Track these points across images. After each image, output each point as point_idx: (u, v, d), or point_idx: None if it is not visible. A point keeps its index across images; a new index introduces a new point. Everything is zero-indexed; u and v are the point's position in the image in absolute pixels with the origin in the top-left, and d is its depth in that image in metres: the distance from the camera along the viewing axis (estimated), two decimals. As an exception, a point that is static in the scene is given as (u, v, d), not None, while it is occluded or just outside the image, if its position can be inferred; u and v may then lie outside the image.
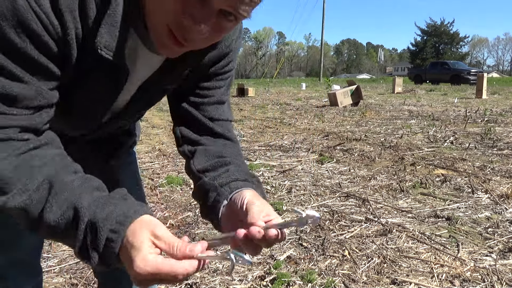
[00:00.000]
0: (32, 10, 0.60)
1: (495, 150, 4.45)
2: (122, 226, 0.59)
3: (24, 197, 0.60)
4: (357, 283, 1.83)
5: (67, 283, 1.84)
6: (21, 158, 0.62)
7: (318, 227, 2.43)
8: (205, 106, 0.91)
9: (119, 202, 0.62)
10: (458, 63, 27.99)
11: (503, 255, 2.07)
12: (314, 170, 3.72)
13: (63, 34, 0.65)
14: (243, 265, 0.64)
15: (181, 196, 3.01)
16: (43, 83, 0.65)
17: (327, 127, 6.34)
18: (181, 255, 0.58)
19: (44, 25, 0.62)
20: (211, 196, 0.81)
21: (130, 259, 0.57)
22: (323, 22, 36.43)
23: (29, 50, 0.62)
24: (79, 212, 0.60)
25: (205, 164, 0.86)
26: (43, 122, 0.67)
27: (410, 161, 3.98)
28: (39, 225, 0.62)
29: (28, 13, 0.60)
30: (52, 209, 0.60)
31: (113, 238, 0.58)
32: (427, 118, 7.14)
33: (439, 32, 62.33)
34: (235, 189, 0.78)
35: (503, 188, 3.10)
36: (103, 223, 0.59)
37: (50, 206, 0.60)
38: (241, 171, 0.84)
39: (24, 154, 0.62)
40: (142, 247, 0.57)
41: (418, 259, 2.04)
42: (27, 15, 0.60)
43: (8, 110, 0.62)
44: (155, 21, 0.67)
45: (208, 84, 0.90)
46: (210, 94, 0.91)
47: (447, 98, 12.03)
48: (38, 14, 0.61)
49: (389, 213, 2.67)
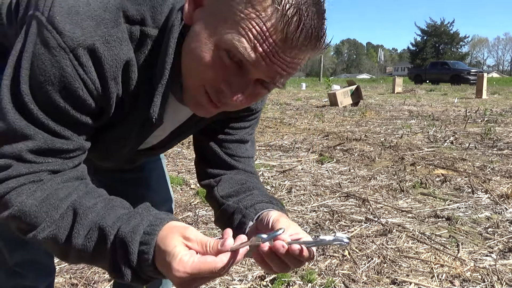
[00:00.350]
0: (79, 78, 0.64)
1: (495, 150, 4.45)
2: (152, 236, 0.60)
3: (52, 228, 0.63)
4: (357, 283, 1.83)
5: (67, 283, 1.84)
6: (46, 193, 0.64)
7: (318, 227, 2.43)
8: (228, 143, 0.94)
9: (144, 213, 0.64)
10: (458, 63, 27.99)
11: (503, 255, 2.07)
12: (314, 170, 3.72)
13: (105, 97, 0.69)
14: None
15: (181, 196, 3.01)
16: (81, 136, 0.70)
17: (327, 127, 6.34)
18: (214, 252, 0.58)
19: (90, 91, 0.66)
20: (236, 219, 0.82)
21: (167, 265, 0.58)
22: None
23: (72, 112, 0.66)
24: (104, 230, 0.61)
25: (229, 190, 0.89)
26: (73, 166, 0.70)
27: (410, 161, 3.98)
28: (69, 251, 0.64)
29: (75, 81, 0.64)
30: (79, 234, 0.62)
31: (144, 250, 0.59)
32: (427, 118, 7.14)
33: (439, 32, 62.33)
34: (261, 210, 0.79)
35: (503, 188, 3.10)
36: (131, 237, 0.60)
37: (77, 232, 0.62)
38: (265, 195, 0.86)
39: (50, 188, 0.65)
40: (176, 251, 0.57)
41: (418, 259, 2.04)
42: (75, 83, 0.64)
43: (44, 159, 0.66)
44: (191, 82, 0.70)
45: (234, 124, 0.93)
46: (234, 133, 0.94)
47: (447, 98, 12.02)
48: (85, 82, 0.65)
49: (389, 213, 2.67)
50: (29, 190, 0.63)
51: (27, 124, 0.63)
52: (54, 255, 0.66)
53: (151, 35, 0.70)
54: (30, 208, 0.62)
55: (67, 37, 0.62)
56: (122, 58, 0.67)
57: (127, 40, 0.68)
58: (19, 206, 0.62)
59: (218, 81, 0.66)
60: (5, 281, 1.04)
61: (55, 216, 0.63)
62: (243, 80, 0.66)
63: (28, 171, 0.64)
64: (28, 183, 0.64)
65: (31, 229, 0.63)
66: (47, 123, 0.64)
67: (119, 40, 0.66)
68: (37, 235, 0.63)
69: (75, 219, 0.63)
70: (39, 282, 1.08)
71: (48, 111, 0.64)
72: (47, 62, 0.62)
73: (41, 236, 0.63)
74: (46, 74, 0.62)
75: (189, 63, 0.68)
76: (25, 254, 1.02)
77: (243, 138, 0.96)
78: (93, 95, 0.67)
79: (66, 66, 0.62)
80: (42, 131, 0.64)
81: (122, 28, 0.67)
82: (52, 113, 0.64)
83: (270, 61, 0.63)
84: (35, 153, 0.64)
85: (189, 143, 4.90)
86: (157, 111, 0.72)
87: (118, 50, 0.66)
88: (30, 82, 0.63)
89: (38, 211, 0.63)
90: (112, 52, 0.66)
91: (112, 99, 0.70)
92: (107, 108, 0.72)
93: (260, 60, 0.63)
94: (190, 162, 4.00)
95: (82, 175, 0.72)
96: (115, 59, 0.66)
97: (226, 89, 0.66)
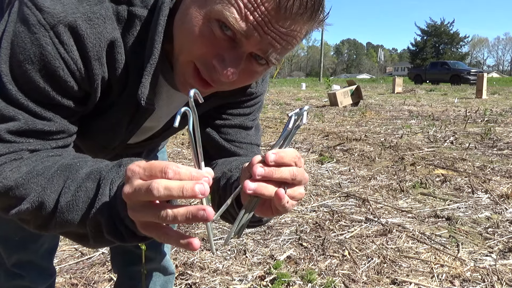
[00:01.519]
0: (60, 57, 0.61)
1: (495, 150, 4.45)
2: None
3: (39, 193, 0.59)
4: (357, 283, 1.83)
5: (67, 283, 1.84)
6: (32, 165, 0.62)
7: (318, 227, 2.43)
8: (226, 129, 0.88)
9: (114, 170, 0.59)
10: (458, 63, 27.99)
11: (503, 255, 2.07)
12: (314, 170, 3.72)
13: (89, 79, 0.66)
14: None
15: (181, 196, 3.01)
16: (65, 119, 0.67)
17: (327, 127, 6.34)
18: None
19: (71, 71, 0.63)
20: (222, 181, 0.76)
21: None
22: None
23: (53, 93, 0.63)
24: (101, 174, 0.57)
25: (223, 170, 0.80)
26: (57, 146, 0.67)
27: (410, 161, 3.98)
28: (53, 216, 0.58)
29: (56, 60, 0.61)
30: (69, 189, 0.58)
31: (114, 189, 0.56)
32: (427, 118, 7.14)
33: (439, 32, 62.35)
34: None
35: (503, 188, 3.10)
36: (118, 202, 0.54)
37: (67, 187, 0.58)
38: None
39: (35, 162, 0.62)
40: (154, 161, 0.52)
41: (418, 259, 2.04)
42: (55, 62, 0.61)
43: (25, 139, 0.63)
44: (181, 60, 0.67)
45: (233, 110, 0.88)
46: (233, 118, 0.88)
47: (447, 98, 12.02)
48: (66, 61, 0.62)
49: (389, 213, 2.67)
50: (12, 166, 0.61)
51: (6, 105, 0.61)
52: (33, 227, 0.61)
53: (139, 16, 0.67)
54: (16, 181, 0.60)
55: (47, 13, 0.59)
56: (106, 37, 0.64)
57: (112, 19, 0.65)
58: (4, 182, 0.60)
59: (209, 55, 0.63)
60: (4, 281, 1.04)
61: (43, 182, 0.59)
62: (235, 54, 0.62)
63: (8, 151, 0.61)
64: (10, 162, 0.61)
65: (17, 203, 0.60)
66: (27, 104, 0.62)
67: (102, 18, 0.63)
68: (22, 207, 0.59)
69: (67, 177, 0.59)
70: (39, 283, 1.07)
71: (28, 92, 0.62)
72: (26, 40, 0.60)
73: (26, 206, 0.59)
74: (26, 53, 0.60)
75: (180, 39, 0.65)
76: (23, 255, 1.02)
77: (244, 124, 0.89)
78: (75, 76, 0.64)
79: (46, 44, 0.60)
80: (22, 111, 0.62)
81: (106, 6, 0.64)
82: (32, 94, 0.62)
83: (262, 31, 0.60)
84: (15, 134, 0.62)
85: (189, 143, 4.89)
86: (145, 92, 0.68)
87: (102, 28, 0.63)
88: (10, 62, 0.61)
89: (25, 183, 0.59)
90: (95, 30, 0.63)
91: (96, 81, 0.66)
92: (91, 92, 0.68)
93: (251, 30, 0.60)
94: (190, 162, 3.99)
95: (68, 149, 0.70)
96: (98, 38, 0.63)
97: (218, 64, 0.63)
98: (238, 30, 0.60)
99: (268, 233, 2.36)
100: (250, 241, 2.25)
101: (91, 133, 0.78)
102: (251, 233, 2.35)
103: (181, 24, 0.64)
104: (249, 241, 2.25)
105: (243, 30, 0.60)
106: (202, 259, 2.03)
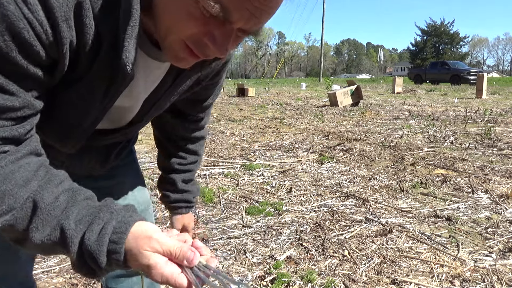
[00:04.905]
0: (24, 17, 0.56)
1: (495, 150, 4.45)
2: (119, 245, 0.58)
3: (8, 216, 0.57)
4: (357, 283, 1.83)
5: (67, 283, 1.84)
6: (1, 174, 0.58)
7: (318, 227, 2.43)
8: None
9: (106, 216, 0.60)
10: (458, 63, 27.95)
11: (503, 255, 2.07)
12: (314, 170, 3.72)
13: (57, 44, 0.60)
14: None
15: (181, 196, 3.00)
16: (30, 92, 0.61)
17: (327, 127, 6.34)
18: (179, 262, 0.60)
19: (37, 33, 0.58)
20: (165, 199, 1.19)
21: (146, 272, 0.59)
22: (323, 22, 36.43)
23: (17, 59, 0.57)
24: (66, 233, 0.58)
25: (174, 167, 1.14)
26: (25, 132, 0.62)
27: (410, 161, 3.98)
28: (26, 241, 0.59)
29: (20, 21, 0.55)
30: (37, 229, 0.58)
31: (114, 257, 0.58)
32: (427, 118, 7.14)
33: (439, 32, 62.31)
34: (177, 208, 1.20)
35: (503, 188, 3.10)
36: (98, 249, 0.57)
37: (35, 226, 0.58)
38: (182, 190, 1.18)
39: (4, 168, 0.58)
40: (151, 263, 0.58)
41: (418, 259, 2.04)
42: (19, 23, 0.55)
43: None
44: (171, 39, 0.65)
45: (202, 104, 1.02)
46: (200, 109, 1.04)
47: (447, 98, 12.02)
48: (30, 22, 0.56)
49: (389, 213, 2.67)
50: None
51: None
52: (8, 239, 0.61)
53: None
54: None
55: None
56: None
57: None
58: None
59: (200, 35, 0.63)
60: None
61: (14, 205, 0.57)
62: (225, 30, 0.63)
63: None
64: None
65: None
66: None
67: None
68: None
69: (34, 213, 0.58)
70: None
71: None
72: None
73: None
74: None
75: (167, 20, 0.63)
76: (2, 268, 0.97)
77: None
78: (41, 39, 0.58)
79: (7, 3, 0.54)
80: None
81: None
82: None
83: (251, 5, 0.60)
84: None
85: (189, 143, 4.89)
86: (130, 57, 0.63)
87: None
88: None
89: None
90: None
91: (65, 46, 0.61)
92: (59, 59, 0.62)
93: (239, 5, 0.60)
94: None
95: (37, 149, 0.65)
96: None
97: (210, 42, 0.63)
98: (226, 7, 0.59)
99: (268, 233, 2.36)
100: (250, 241, 2.25)
101: (59, 109, 0.71)
102: (251, 233, 2.35)
103: (166, 3, 0.62)
104: (249, 241, 2.25)
105: (231, 7, 0.60)
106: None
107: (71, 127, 0.77)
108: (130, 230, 0.59)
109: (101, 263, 0.58)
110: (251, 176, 3.55)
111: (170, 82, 0.82)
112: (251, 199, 2.93)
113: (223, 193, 3.05)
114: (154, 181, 3.36)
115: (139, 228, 0.60)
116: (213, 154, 4.36)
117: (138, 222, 0.60)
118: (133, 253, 0.58)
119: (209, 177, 3.50)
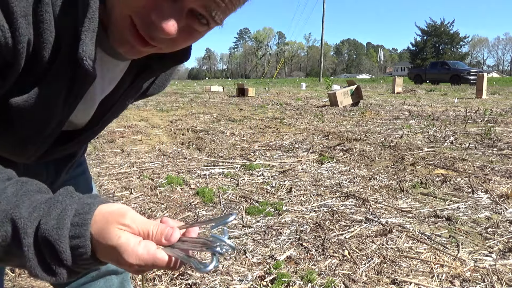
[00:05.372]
0: None
1: (495, 150, 4.45)
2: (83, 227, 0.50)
3: None
4: (357, 283, 1.83)
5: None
6: None
7: (318, 227, 2.43)
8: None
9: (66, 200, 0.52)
10: (458, 63, 27.98)
11: (503, 255, 2.07)
12: (314, 170, 3.72)
13: (14, 42, 0.54)
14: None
15: (181, 196, 3.01)
16: None
17: (327, 127, 6.34)
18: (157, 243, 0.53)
19: None
20: None
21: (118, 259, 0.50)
22: (323, 22, 36.44)
23: None
24: (17, 223, 0.49)
25: None
26: None
27: (410, 161, 3.98)
28: None
29: None
30: None
31: (78, 244, 0.50)
32: (427, 118, 7.14)
33: (439, 32, 62.36)
34: None
35: (503, 188, 3.10)
36: (57, 233, 0.49)
37: None
38: None
39: None
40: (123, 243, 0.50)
41: (418, 259, 2.04)
42: None
43: None
44: (116, 13, 0.58)
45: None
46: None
47: (447, 98, 12.02)
48: None
49: (389, 213, 2.67)
50: None
51: None
52: None
53: None
54: None
55: None
56: None
57: None
58: None
59: (148, 8, 0.56)
60: None
61: None
62: (175, 7, 0.57)
63: None
64: None
65: None
66: None
67: None
68: None
69: None
70: None
71: None
72: None
73: None
74: None
75: None
76: None
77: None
78: None
79: None
80: None
81: None
82: None
83: None
84: None
85: (189, 143, 4.90)
86: (88, 51, 0.57)
87: None
88: None
89: None
90: None
91: (22, 44, 0.54)
92: (14, 59, 0.55)
93: None
94: (190, 162, 4.00)
95: None
96: None
97: (157, 18, 0.56)
98: None
99: (268, 233, 2.36)
100: (250, 241, 2.25)
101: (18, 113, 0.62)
102: (251, 233, 2.35)
103: None
104: (249, 241, 2.25)
105: None
106: (202, 259, 2.03)
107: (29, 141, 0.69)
108: (95, 211, 0.51)
109: (61, 253, 0.49)
110: (251, 176, 3.55)
111: (128, 83, 0.76)
112: (251, 199, 2.93)
113: (223, 193, 3.05)
114: (154, 180, 3.37)
115: (108, 207, 0.53)
116: (213, 154, 4.36)
117: (106, 204, 0.53)
118: (101, 235, 0.50)
119: (209, 177, 3.50)
